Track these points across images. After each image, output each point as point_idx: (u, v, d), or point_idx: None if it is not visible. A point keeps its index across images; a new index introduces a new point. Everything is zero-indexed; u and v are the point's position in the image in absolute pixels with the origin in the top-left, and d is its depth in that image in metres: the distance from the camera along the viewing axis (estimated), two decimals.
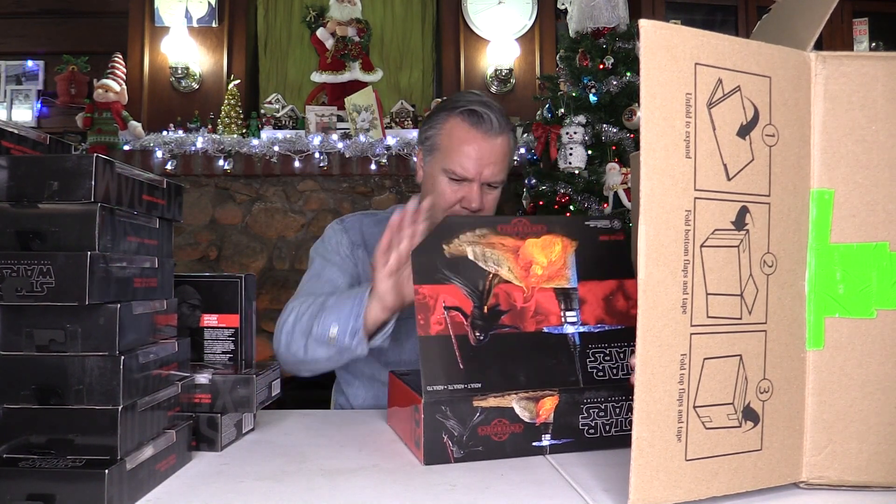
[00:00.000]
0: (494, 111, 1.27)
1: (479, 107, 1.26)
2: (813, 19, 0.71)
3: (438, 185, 1.28)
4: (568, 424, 0.87)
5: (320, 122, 3.59)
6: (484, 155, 1.25)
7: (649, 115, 0.61)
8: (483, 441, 0.83)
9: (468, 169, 1.24)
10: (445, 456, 0.82)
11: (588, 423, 0.88)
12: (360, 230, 1.36)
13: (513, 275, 0.87)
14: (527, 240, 0.89)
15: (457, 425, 0.82)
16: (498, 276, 0.86)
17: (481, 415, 0.83)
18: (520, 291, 0.87)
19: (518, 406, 0.84)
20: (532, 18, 3.93)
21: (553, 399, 0.86)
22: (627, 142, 2.76)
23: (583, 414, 0.87)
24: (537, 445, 0.85)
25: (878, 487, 0.70)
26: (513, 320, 0.86)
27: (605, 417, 0.88)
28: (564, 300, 0.89)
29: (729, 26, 3.95)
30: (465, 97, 1.31)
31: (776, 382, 0.68)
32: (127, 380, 0.68)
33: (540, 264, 0.88)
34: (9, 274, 0.66)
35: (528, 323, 0.87)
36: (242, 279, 1.00)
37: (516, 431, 0.84)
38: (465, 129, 1.26)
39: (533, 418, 0.85)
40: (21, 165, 0.68)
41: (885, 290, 0.69)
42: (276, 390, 1.00)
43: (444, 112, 1.31)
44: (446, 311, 0.83)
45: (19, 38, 4.01)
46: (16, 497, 0.63)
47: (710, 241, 0.64)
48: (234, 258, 3.61)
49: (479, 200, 1.26)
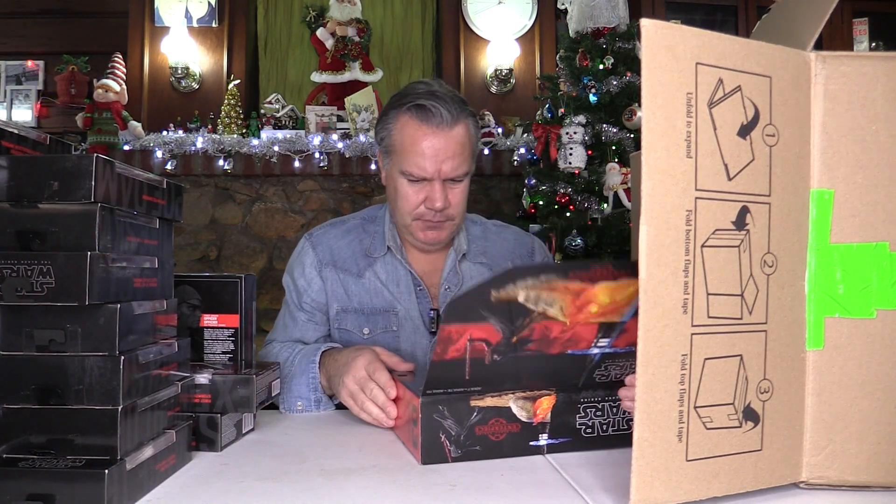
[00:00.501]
0: (444, 101, 1.18)
1: (426, 100, 1.17)
2: (813, 19, 0.71)
3: (399, 187, 1.23)
4: (565, 424, 0.86)
5: (320, 122, 3.59)
6: (439, 151, 1.17)
7: (650, 114, 0.61)
8: (480, 441, 0.83)
9: (425, 168, 1.18)
10: (443, 455, 0.82)
11: (585, 423, 0.87)
12: (328, 245, 1.32)
13: (561, 313, 0.77)
14: (599, 283, 0.76)
15: (454, 425, 0.82)
16: (543, 315, 0.77)
17: (479, 414, 0.83)
18: (560, 326, 0.78)
19: (515, 406, 0.84)
20: (532, 18, 3.93)
21: (550, 399, 0.86)
22: (627, 142, 2.76)
23: (580, 413, 0.87)
24: (534, 445, 0.85)
25: (878, 487, 0.70)
26: (539, 346, 0.80)
27: (603, 417, 0.88)
28: (605, 330, 0.81)
29: (729, 26, 3.95)
30: (413, 90, 1.22)
31: (776, 382, 0.68)
32: (127, 380, 0.68)
33: (599, 304, 0.77)
34: (9, 274, 0.66)
35: (554, 348, 0.81)
36: (242, 279, 1.00)
37: (514, 431, 0.84)
38: (416, 127, 1.18)
39: (530, 418, 0.85)
40: (21, 165, 0.68)
41: (885, 290, 0.69)
42: (276, 390, 1.00)
43: (393, 110, 1.23)
44: (470, 342, 0.78)
45: (19, 38, 4.01)
46: (16, 497, 0.63)
47: (710, 241, 0.64)
48: (234, 258, 3.61)
49: (443, 199, 1.19)
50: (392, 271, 1.30)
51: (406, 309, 1.28)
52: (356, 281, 1.29)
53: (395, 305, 1.28)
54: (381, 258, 1.30)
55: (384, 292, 1.29)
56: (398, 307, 1.28)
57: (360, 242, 1.33)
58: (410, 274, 1.30)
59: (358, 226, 1.36)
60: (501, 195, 3.67)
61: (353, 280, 1.29)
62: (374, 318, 1.28)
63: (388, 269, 1.30)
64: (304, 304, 1.31)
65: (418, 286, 1.29)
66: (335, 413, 1.13)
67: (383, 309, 1.28)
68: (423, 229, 1.24)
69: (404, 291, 1.29)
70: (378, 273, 1.29)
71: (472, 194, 3.52)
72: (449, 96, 1.20)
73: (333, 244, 1.33)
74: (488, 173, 3.60)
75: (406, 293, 1.29)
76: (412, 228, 1.25)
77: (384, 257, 1.30)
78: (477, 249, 1.35)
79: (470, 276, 1.31)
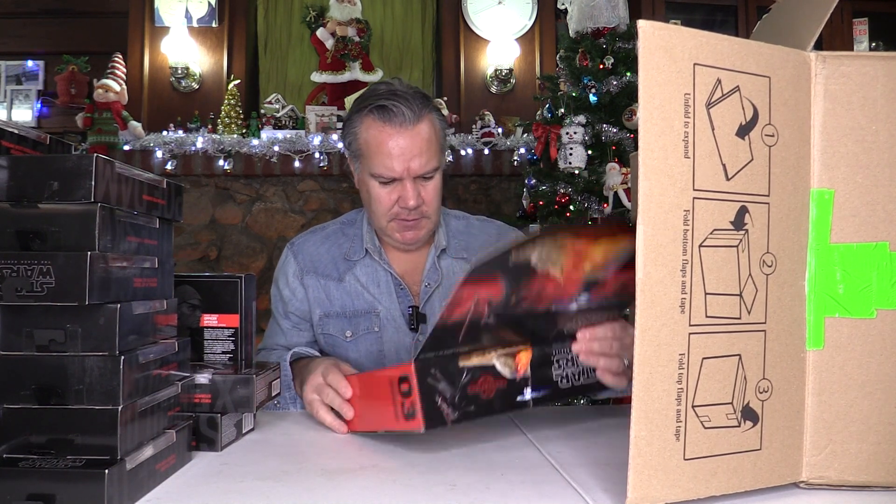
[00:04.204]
0: (405, 100, 1.18)
1: (386, 100, 1.18)
2: (813, 19, 0.71)
3: (372, 190, 1.23)
4: (544, 376, 0.91)
5: (320, 122, 3.59)
6: (405, 150, 1.18)
7: (648, 115, 0.61)
8: (473, 399, 0.84)
9: (393, 168, 1.19)
10: (442, 419, 0.82)
11: (560, 375, 0.92)
12: (309, 252, 1.35)
13: (560, 271, 0.81)
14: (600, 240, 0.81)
15: (448, 387, 0.83)
16: (544, 274, 0.81)
17: (468, 374, 0.85)
18: (554, 283, 0.83)
19: (498, 363, 0.87)
20: (532, 18, 3.93)
21: (527, 353, 0.89)
22: (627, 142, 2.76)
23: (554, 366, 0.92)
24: (521, 400, 0.88)
25: (878, 487, 0.70)
26: (530, 303, 0.85)
27: (574, 368, 0.93)
28: (587, 285, 0.86)
29: (729, 26, 3.95)
30: (374, 91, 1.23)
31: (776, 382, 0.68)
32: (127, 380, 0.68)
33: (592, 260, 0.82)
34: (9, 274, 0.66)
35: (543, 303, 0.86)
36: (242, 279, 1.00)
37: (501, 387, 0.87)
38: (379, 129, 1.19)
39: (513, 373, 0.88)
40: (21, 165, 0.68)
41: (885, 290, 0.69)
42: (275, 390, 1.00)
43: (356, 114, 1.24)
44: (475, 303, 0.80)
45: (19, 38, 4.02)
46: (16, 497, 0.63)
47: (708, 240, 0.64)
48: (234, 258, 3.61)
49: (416, 196, 1.20)
50: (372, 273, 1.31)
51: (387, 309, 1.29)
52: (337, 285, 1.31)
53: (375, 306, 1.29)
54: (360, 261, 1.32)
55: (365, 294, 1.30)
56: (379, 308, 1.29)
57: (339, 247, 1.35)
58: (390, 274, 1.31)
59: (337, 230, 1.38)
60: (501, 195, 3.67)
61: (334, 285, 1.31)
62: (355, 321, 1.29)
63: (368, 272, 1.31)
64: (289, 313, 1.34)
65: (399, 286, 1.31)
66: None
67: (364, 311, 1.29)
68: (401, 230, 1.25)
69: (385, 292, 1.30)
70: (358, 276, 1.31)
71: (472, 194, 3.54)
72: (410, 94, 1.20)
73: (314, 251, 1.35)
74: (488, 173, 3.59)
75: (387, 294, 1.30)
76: (389, 230, 1.26)
77: (363, 260, 1.32)
78: (458, 245, 1.36)
79: (451, 271, 1.33)
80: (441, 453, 0.87)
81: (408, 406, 0.83)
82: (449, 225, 1.39)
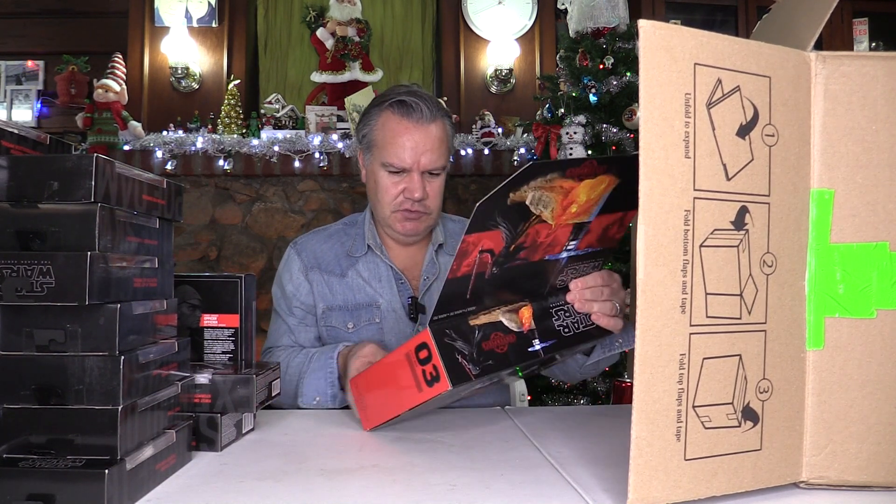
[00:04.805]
0: (424, 100, 1.28)
1: (407, 97, 1.28)
2: (813, 19, 0.71)
3: (380, 180, 1.31)
4: (547, 328, 0.93)
5: (320, 122, 3.59)
6: (419, 143, 1.26)
7: (648, 115, 0.61)
8: (489, 355, 0.86)
9: (405, 159, 1.27)
10: (465, 374, 0.83)
11: (562, 325, 0.95)
12: (313, 250, 1.40)
13: (551, 216, 0.84)
14: (583, 181, 0.83)
15: (465, 345, 0.85)
16: (539, 218, 0.83)
17: (480, 332, 0.86)
18: (547, 229, 0.85)
19: (505, 319, 0.89)
20: (532, 18, 3.93)
21: (528, 308, 0.91)
22: (627, 142, 2.76)
23: (554, 317, 0.94)
24: (532, 350, 0.90)
25: (878, 487, 0.70)
26: (527, 254, 0.86)
27: (572, 318, 0.96)
28: (576, 232, 0.89)
29: (729, 26, 3.95)
30: (394, 90, 1.33)
31: (776, 382, 0.68)
32: (127, 380, 0.68)
33: (578, 203, 0.85)
34: (9, 274, 0.66)
35: (538, 254, 0.88)
36: (242, 279, 1.00)
37: (512, 341, 0.89)
38: (397, 121, 1.28)
39: (520, 327, 0.90)
40: (21, 165, 0.68)
41: (885, 290, 0.69)
42: (276, 390, 1.00)
43: (375, 108, 1.33)
44: (480, 254, 0.83)
45: (19, 38, 4.01)
46: (16, 497, 0.63)
47: (709, 240, 0.64)
48: (234, 258, 3.61)
49: (422, 189, 1.28)
50: (373, 268, 1.37)
51: (388, 301, 1.34)
52: (340, 280, 1.36)
53: (376, 299, 1.34)
54: (362, 257, 1.38)
55: (366, 288, 1.35)
56: (380, 300, 1.34)
57: (342, 245, 1.41)
58: (391, 268, 1.37)
59: (340, 230, 1.45)
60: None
61: (336, 280, 1.36)
62: (357, 313, 1.34)
63: (370, 267, 1.37)
64: (293, 308, 1.37)
65: (399, 279, 1.36)
66: (335, 413, 1.13)
67: (366, 304, 1.34)
68: (402, 220, 1.32)
69: (386, 285, 1.35)
70: (360, 271, 1.37)
71: (472, 194, 3.54)
72: (428, 97, 1.30)
73: (317, 248, 1.41)
74: (488, 173, 3.59)
75: (388, 287, 1.35)
76: (391, 220, 1.33)
77: (365, 256, 1.38)
78: (454, 244, 1.41)
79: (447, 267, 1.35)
80: (441, 453, 0.87)
81: (429, 372, 0.84)
82: (446, 225, 1.46)
